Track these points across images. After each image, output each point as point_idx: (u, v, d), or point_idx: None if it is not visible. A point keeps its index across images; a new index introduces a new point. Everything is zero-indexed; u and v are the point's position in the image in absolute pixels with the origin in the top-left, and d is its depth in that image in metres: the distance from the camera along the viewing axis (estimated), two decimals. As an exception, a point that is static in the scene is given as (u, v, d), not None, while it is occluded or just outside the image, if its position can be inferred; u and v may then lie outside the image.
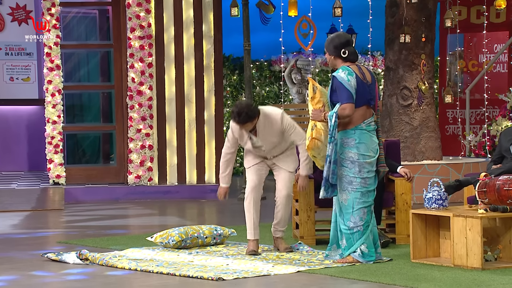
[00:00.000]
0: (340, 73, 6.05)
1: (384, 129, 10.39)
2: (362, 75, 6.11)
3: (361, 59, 15.52)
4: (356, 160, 6.08)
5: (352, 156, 6.08)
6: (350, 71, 6.07)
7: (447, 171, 10.00)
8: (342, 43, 6.13)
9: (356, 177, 6.08)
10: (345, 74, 6.04)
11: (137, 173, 11.13)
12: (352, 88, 6.01)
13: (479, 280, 5.50)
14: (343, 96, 6.00)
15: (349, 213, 6.11)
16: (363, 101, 6.08)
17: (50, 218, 9.29)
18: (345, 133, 6.09)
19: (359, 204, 6.10)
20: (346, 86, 6.00)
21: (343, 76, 6.03)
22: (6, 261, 6.48)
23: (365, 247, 6.10)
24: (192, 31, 11.34)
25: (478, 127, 12.94)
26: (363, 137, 6.09)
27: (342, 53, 6.12)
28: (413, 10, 10.20)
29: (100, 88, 12.11)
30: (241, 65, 14.52)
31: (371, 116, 6.13)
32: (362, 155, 6.08)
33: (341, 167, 6.08)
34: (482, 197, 5.97)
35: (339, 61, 6.16)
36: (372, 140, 6.13)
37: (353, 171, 6.08)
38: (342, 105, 6.00)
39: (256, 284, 5.52)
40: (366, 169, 6.10)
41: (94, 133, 12.14)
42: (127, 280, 5.76)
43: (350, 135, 6.08)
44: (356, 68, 6.13)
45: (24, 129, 13.07)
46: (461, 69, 13.26)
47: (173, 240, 6.76)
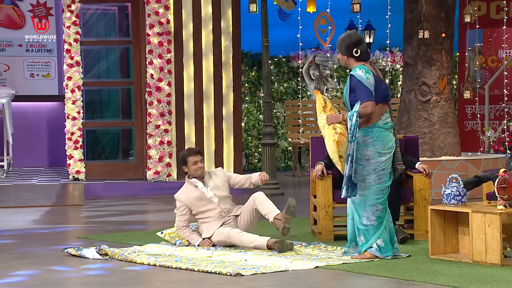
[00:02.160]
0: (358, 72, 6.07)
1: (402, 125, 10.36)
2: (376, 73, 6.14)
3: (379, 55, 15.48)
4: (372, 157, 6.09)
5: (368, 154, 6.09)
6: (367, 69, 6.09)
7: (466, 167, 9.96)
8: (354, 42, 6.15)
9: (371, 174, 6.09)
10: (363, 73, 6.05)
11: (156, 169, 11.17)
12: (371, 86, 6.03)
13: (498, 277, 5.48)
14: (363, 94, 6.01)
15: (362, 208, 6.12)
16: (380, 99, 6.09)
17: (70, 214, 9.35)
18: (363, 131, 6.09)
19: (372, 201, 6.10)
20: (365, 84, 6.02)
21: (361, 74, 6.04)
22: (26, 256, 6.54)
23: (381, 241, 6.10)
24: (210, 28, 11.36)
25: (498, 123, 12.87)
26: (380, 135, 6.10)
27: (354, 52, 6.14)
28: (432, 5, 10.15)
29: (119, 84, 12.16)
30: (259, 61, 14.52)
31: (386, 113, 6.14)
32: (378, 153, 6.09)
33: (356, 164, 6.08)
34: (501, 193, 5.95)
35: (352, 60, 6.17)
36: (389, 137, 6.14)
37: (367, 169, 6.09)
38: (364, 103, 6.00)
39: (274, 280, 5.54)
40: (381, 166, 6.10)
41: (113, 129, 12.20)
42: (146, 275, 5.80)
43: (367, 133, 6.09)
44: (370, 67, 6.16)
45: (44, 125, 13.15)
46: (480, 65, 13.19)
47: (181, 243, 6.78)
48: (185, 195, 6.82)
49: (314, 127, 14.08)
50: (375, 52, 15.62)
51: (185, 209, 6.77)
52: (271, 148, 11.12)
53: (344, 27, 16.66)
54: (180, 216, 6.79)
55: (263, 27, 11.15)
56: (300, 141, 13.27)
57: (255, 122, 14.68)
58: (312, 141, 7.48)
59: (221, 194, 6.79)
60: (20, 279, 5.69)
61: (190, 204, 6.77)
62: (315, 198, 7.15)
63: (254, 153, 14.65)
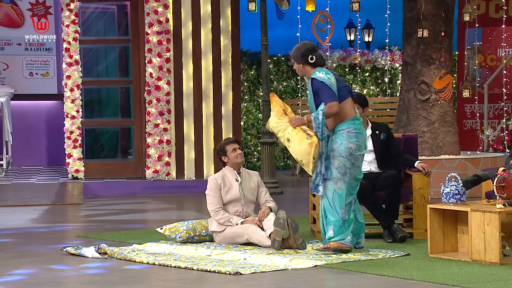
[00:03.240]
0: (319, 74, 6.22)
1: (401, 124, 10.36)
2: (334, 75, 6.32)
3: (378, 53, 15.48)
4: (354, 151, 6.20)
5: (351, 146, 6.20)
6: (327, 71, 6.27)
7: (465, 166, 9.96)
8: (309, 49, 6.32)
9: (351, 168, 6.20)
10: (324, 74, 6.22)
11: (155, 168, 11.17)
12: (333, 85, 6.19)
13: (497, 275, 5.48)
14: (327, 95, 6.16)
15: (342, 201, 6.19)
16: (348, 94, 6.29)
17: (69, 213, 9.34)
18: (346, 123, 6.21)
19: (349, 194, 6.22)
20: (328, 84, 6.17)
21: (322, 76, 6.20)
22: (25, 255, 6.53)
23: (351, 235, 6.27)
24: (209, 26, 11.35)
25: (497, 121, 12.87)
26: (361, 128, 6.29)
27: (310, 59, 6.29)
28: (431, 4, 10.15)
29: (118, 83, 12.16)
30: (258, 60, 14.52)
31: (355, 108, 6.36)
32: (359, 146, 6.23)
33: (339, 157, 6.17)
34: (500, 192, 5.95)
35: (308, 67, 6.34)
36: (365, 131, 6.35)
37: (349, 163, 6.19)
38: (329, 103, 6.14)
39: (273, 279, 5.53)
40: (359, 160, 6.26)
41: (113, 128, 12.20)
42: (145, 274, 5.79)
43: (351, 125, 6.23)
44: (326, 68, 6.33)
45: (43, 124, 13.15)
46: (479, 64, 13.19)
47: (180, 237, 6.79)
48: (220, 178, 6.80)
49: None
50: (374, 51, 15.62)
51: (219, 191, 6.74)
52: (270, 147, 11.12)
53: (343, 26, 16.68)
54: (213, 198, 6.74)
55: (262, 26, 11.15)
56: (299, 140, 13.25)
57: (254, 121, 14.68)
58: (311, 140, 7.46)
59: (249, 197, 6.81)
60: (19, 278, 5.69)
61: (221, 188, 6.75)
62: (314, 197, 7.14)
63: (253, 152, 14.65)
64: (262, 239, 6.49)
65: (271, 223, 6.51)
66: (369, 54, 15.51)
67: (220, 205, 6.75)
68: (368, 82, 15.54)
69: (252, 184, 6.84)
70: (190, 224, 6.89)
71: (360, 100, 7.07)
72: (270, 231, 6.47)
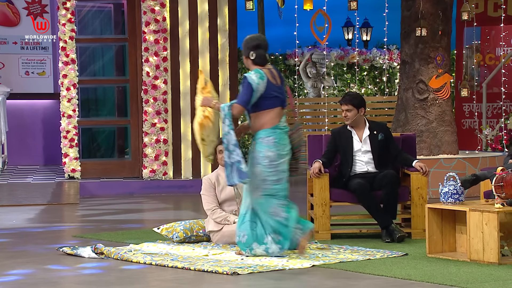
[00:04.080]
0: (252, 75, 6.17)
1: (400, 123, 10.34)
2: (273, 78, 6.22)
3: (376, 52, 15.46)
4: (274, 159, 6.15)
5: (270, 155, 6.14)
6: (262, 75, 6.17)
7: (463, 165, 9.95)
8: (253, 45, 6.25)
9: (271, 176, 6.15)
10: (257, 77, 6.15)
11: (152, 167, 11.14)
12: (257, 92, 6.11)
13: (496, 275, 5.46)
14: (240, 96, 6.15)
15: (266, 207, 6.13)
16: (278, 103, 6.19)
17: (65, 212, 9.31)
18: (264, 131, 6.17)
19: (271, 202, 6.13)
20: (251, 88, 6.10)
21: (254, 78, 6.15)
22: (22, 255, 6.51)
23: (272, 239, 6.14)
24: (207, 25, 11.33)
25: (495, 121, 12.85)
26: (282, 137, 6.20)
27: (250, 55, 6.24)
28: (429, 3, 10.13)
29: (115, 82, 12.13)
30: (256, 59, 14.48)
31: (283, 117, 6.25)
32: (280, 155, 6.17)
33: (258, 165, 6.14)
34: (498, 192, 5.93)
35: (250, 62, 6.28)
36: (287, 140, 6.26)
37: (268, 171, 6.14)
38: (235, 104, 6.14)
39: (271, 279, 5.51)
40: (280, 168, 6.18)
41: (109, 127, 12.17)
42: (142, 274, 5.77)
43: (270, 134, 6.16)
44: (268, 72, 6.23)
45: (39, 123, 13.12)
46: (477, 63, 13.17)
47: (177, 237, 6.76)
48: (214, 178, 6.80)
49: (311, 125, 14.06)
50: (372, 49, 15.61)
51: (214, 190, 6.73)
52: (268, 146, 11.08)
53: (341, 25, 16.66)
54: (208, 197, 6.73)
55: (260, 25, 11.13)
56: (297, 139, 13.22)
57: (251, 120, 14.65)
58: (308, 139, 7.45)
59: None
60: (16, 278, 5.66)
61: (215, 188, 6.72)
62: (312, 197, 7.12)
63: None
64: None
65: None
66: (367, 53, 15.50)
67: (216, 204, 6.73)
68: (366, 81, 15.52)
69: None
70: (187, 224, 6.87)
71: (354, 101, 7.04)
72: None
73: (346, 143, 7.07)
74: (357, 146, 7.06)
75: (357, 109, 7.02)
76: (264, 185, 6.15)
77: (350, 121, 7.06)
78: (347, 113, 7.05)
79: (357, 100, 7.04)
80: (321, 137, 7.44)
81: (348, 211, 7.99)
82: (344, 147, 7.09)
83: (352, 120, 7.05)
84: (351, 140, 7.07)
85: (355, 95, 7.20)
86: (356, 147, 7.06)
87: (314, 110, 14.11)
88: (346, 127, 7.13)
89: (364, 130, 7.07)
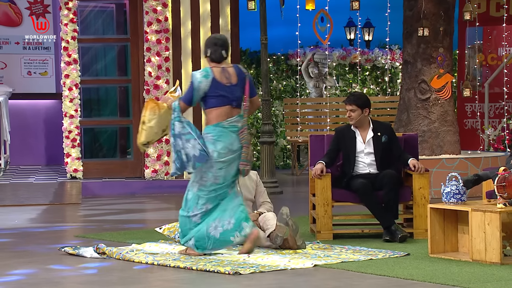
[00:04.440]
0: (197, 73, 6.30)
1: (402, 123, 10.33)
2: (225, 78, 6.26)
3: (378, 52, 15.44)
4: (211, 156, 6.19)
5: (209, 152, 6.20)
6: (207, 73, 6.25)
7: (465, 165, 9.94)
8: (210, 43, 6.36)
9: (207, 172, 6.19)
10: (201, 76, 6.26)
11: (154, 167, 11.14)
12: (198, 90, 6.21)
13: (498, 275, 5.46)
14: (184, 94, 6.31)
15: (194, 204, 6.21)
16: (225, 102, 6.24)
17: (67, 212, 9.32)
18: (206, 128, 6.26)
19: (204, 199, 6.20)
20: (193, 86, 6.23)
21: (198, 76, 6.26)
22: (24, 255, 6.51)
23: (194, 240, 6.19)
24: (209, 25, 11.33)
25: (497, 121, 12.84)
26: (223, 135, 6.21)
27: (206, 53, 6.36)
28: (432, 3, 10.13)
29: (117, 82, 12.13)
30: (258, 59, 14.49)
31: (235, 116, 6.25)
32: (218, 152, 6.19)
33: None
34: (501, 192, 5.93)
35: (207, 60, 6.40)
36: (232, 139, 6.25)
37: (206, 166, 6.18)
38: (180, 101, 6.26)
39: (273, 279, 5.51)
40: (218, 166, 6.19)
41: (111, 127, 12.17)
42: (144, 274, 5.77)
43: (209, 130, 6.23)
44: (218, 70, 6.29)
45: (41, 123, 13.13)
46: (480, 63, 13.16)
47: (179, 236, 6.75)
48: None
49: (313, 125, 14.06)
50: (374, 49, 15.59)
51: None
52: (270, 146, 11.10)
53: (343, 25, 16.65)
54: None
55: (262, 25, 11.12)
56: (299, 139, 13.24)
57: (253, 120, 14.65)
58: (311, 139, 7.45)
59: (246, 195, 6.77)
60: (18, 278, 5.67)
61: None
62: (314, 197, 7.12)
63: (253, 151, 14.63)
64: (262, 240, 6.47)
65: (271, 223, 6.49)
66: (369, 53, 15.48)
67: None
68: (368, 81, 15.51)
69: (250, 182, 6.82)
70: (189, 224, 6.86)
71: (359, 101, 7.03)
72: (270, 231, 6.44)
73: (350, 144, 7.06)
74: (360, 148, 7.05)
75: (361, 110, 7.01)
76: (201, 181, 6.22)
77: (354, 121, 7.05)
78: (351, 113, 7.03)
79: (361, 101, 7.03)
80: (323, 137, 7.44)
81: (350, 211, 7.99)
82: (347, 147, 7.08)
83: (356, 120, 7.04)
84: (354, 140, 7.06)
85: (359, 95, 7.18)
86: (359, 148, 7.05)
87: (316, 110, 14.11)
88: (350, 127, 7.12)
89: (368, 132, 7.06)
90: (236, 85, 6.29)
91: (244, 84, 6.32)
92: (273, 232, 6.41)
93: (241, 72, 6.36)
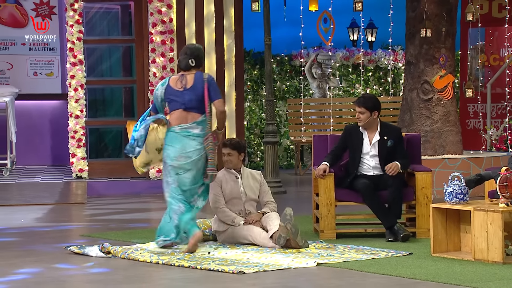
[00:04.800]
0: (160, 82, 6.62)
1: (404, 124, 10.37)
2: (180, 83, 6.47)
3: (381, 53, 15.48)
4: (165, 160, 6.45)
5: (164, 155, 6.46)
6: (165, 81, 6.58)
7: (468, 165, 9.97)
8: (182, 52, 6.63)
9: (167, 175, 6.44)
10: (160, 84, 6.59)
11: (159, 167, 11.17)
12: (156, 98, 6.52)
13: (500, 275, 5.49)
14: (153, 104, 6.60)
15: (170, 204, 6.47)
16: (177, 106, 6.45)
17: (73, 212, 9.36)
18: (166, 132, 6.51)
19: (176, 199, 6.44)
20: (154, 95, 6.56)
21: (157, 86, 6.59)
22: (30, 254, 6.55)
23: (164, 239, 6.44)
24: (213, 26, 11.37)
25: (500, 121, 12.87)
26: (173, 140, 6.40)
27: (178, 61, 6.64)
28: (434, 4, 10.16)
29: (122, 82, 12.18)
30: (261, 59, 14.53)
31: (191, 122, 6.41)
32: (170, 157, 6.40)
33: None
34: (503, 191, 5.96)
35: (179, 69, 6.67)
36: (184, 144, 6.39)
37: (164, 170, 6.47)
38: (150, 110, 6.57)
39: (276, 278, 5.55)
40: (173, 171, 6.42)
41: (116, 127, 12.21)
42: (149, 274, 5.81)
43: (165, 135, 6.47)
44: (176, 77, 6.54)
45: (47, 123, 13.17)
46: (482, 63, 13.19)
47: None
48: (221, 176, 6.83)
49: (316, 125, 14.10)
50: (377, 50, 15.63)
51: (220, 188, 6.78)
52: (274, 146, 11.13)
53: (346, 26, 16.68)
54: (214, 195, 6.75)
55: (266, 26, 11.16)
56: (302, 139, 13.28)
57: (257, 121, 14.70)
58: (314, 139, 7.49)
59: (250, 195, 6.81)
60: (23, 277, 5.71)
61: (221, 186, 6.79)
62: (318, 196, 7.16)
63: (257, 152, 14.67)
64: (265, 240, 6.51)
65: (275, 223, 6.53)
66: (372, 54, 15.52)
67: (223, 202, 6.76)
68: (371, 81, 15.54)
69: (254, 182, 6.86)
70: (193, 223, 6.90)
71: (368, 104, 7.05)
72: (273, 232, 6.48)
73: (357, 144, 7.09)
74: (366, 149, 7.08)
75: (370, 112, 7.03)
76: (166, 182, 6.46)
77: (362, 123, 7.08)
78: (360, 115, 7.06)
79: (370, 103, 7.05)
80: (326, 137, 7.47)
81: (353, 210, 8.02)
82: (354, 146, 7.10)
83: (364, 122, 7.07)
84: (361, 141, 7.09)
85: (369, 97, 7.18)
86: (365, 150, 7.08)
87: (319, 110, 14.15)
88: (359, 127, 7.15)
89: (375, 135, 7.09)
90: (189, 89, 6.48)
91: (202, 88, 6.44)
92: (276, 233, 6.45)
93: (200, 77, 6.51)
